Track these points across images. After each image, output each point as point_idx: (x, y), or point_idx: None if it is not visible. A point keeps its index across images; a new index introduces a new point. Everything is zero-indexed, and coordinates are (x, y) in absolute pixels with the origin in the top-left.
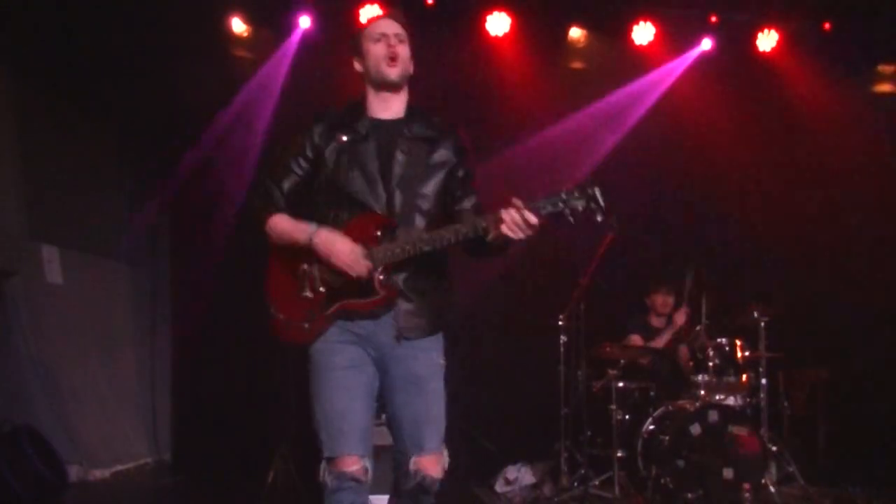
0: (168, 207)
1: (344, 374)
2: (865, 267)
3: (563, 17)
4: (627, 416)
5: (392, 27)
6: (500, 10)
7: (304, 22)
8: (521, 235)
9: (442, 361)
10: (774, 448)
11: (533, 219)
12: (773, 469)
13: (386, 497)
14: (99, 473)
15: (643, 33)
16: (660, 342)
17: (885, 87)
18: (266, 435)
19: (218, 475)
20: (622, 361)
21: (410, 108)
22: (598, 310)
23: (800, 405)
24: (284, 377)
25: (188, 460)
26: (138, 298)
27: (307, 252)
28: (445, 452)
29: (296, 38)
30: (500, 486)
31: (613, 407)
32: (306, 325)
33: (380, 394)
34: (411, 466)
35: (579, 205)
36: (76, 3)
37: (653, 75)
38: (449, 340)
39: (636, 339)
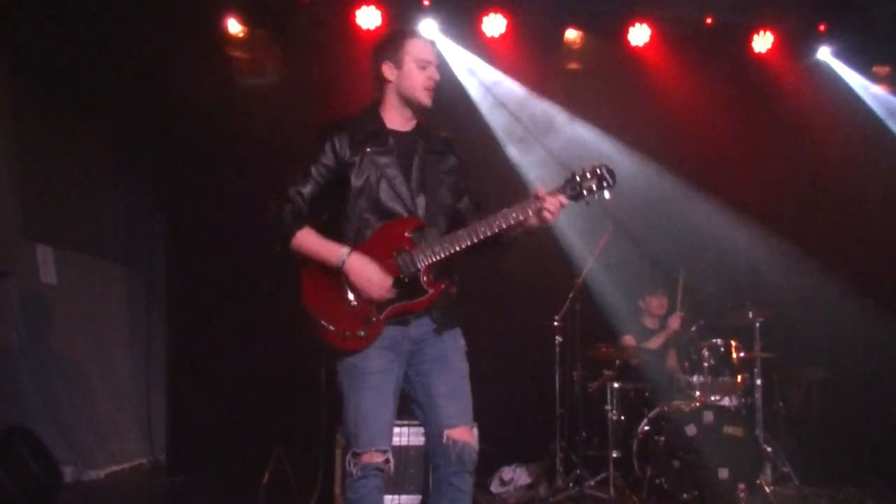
0: (164, 207)
1: (375, 378)
2: (862, 266)
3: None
4: (623, 417)
5: (435, 57)
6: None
7: None
8: (556, 219)
9: (463, 343)
10: (769, 448)
11: (566, 201)
12: (768, 469)
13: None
14: (94, 474)
15: (639, 35)
16: (653, 344)
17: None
18: (261, 436)
19: (213, 476)
20: (618, 362)
21: (419, 123)
22: (594, 311)
23: (795, 405)
24: (282, 378)
25: (183, 461)
26: (133, 299)
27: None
28: (476, 430)
29: None
30: (495, 487)
31: (609, 407)
32: (362, 333)
33: (404, 392)
34: (445, 440)
35: (593, 185)
36: (73, 4)
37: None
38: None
39: (628, 340)
